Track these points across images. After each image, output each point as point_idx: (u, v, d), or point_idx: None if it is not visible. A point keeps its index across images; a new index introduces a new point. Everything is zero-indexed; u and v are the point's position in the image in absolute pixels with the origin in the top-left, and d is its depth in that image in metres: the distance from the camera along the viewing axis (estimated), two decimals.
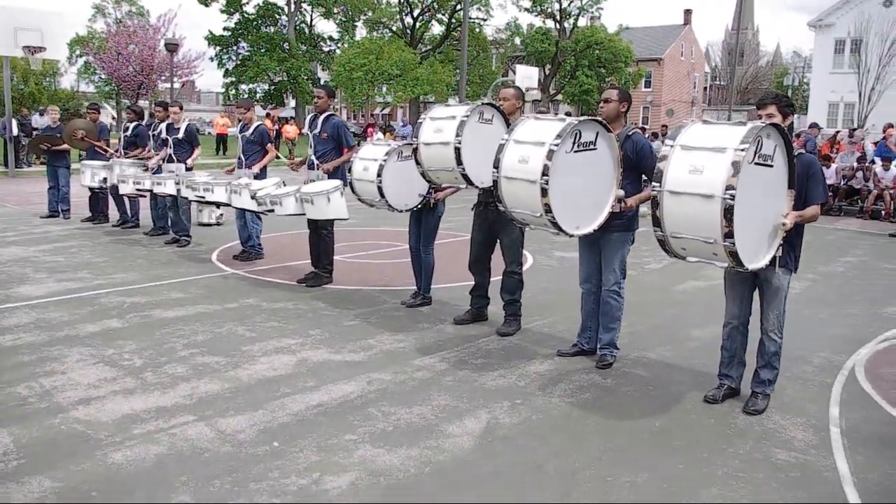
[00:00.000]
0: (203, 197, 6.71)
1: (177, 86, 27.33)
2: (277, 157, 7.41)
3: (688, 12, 45.86)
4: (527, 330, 4.97)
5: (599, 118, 3.92)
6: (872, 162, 13.17)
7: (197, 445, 3.12)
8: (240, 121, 7.16)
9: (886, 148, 13.00)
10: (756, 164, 3.17)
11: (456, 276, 6.28)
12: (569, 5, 34.87)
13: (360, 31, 40.10)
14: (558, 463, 3.08)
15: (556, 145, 3.60)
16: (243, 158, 6.94)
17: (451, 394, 3.80)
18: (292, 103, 39.61)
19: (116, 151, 9.00)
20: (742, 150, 3.07)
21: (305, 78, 36.77)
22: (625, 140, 4.05)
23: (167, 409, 3.50)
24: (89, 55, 35.21)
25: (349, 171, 5.39)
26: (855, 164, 13.23)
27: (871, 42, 26.47)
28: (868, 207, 12.47)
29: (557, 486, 2.89)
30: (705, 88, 49.92)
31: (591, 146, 3.83)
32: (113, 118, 41.43)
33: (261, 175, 6.86)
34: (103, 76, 34.63)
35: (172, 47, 23.36)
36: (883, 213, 12.28)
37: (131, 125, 8.99)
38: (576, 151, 3.74)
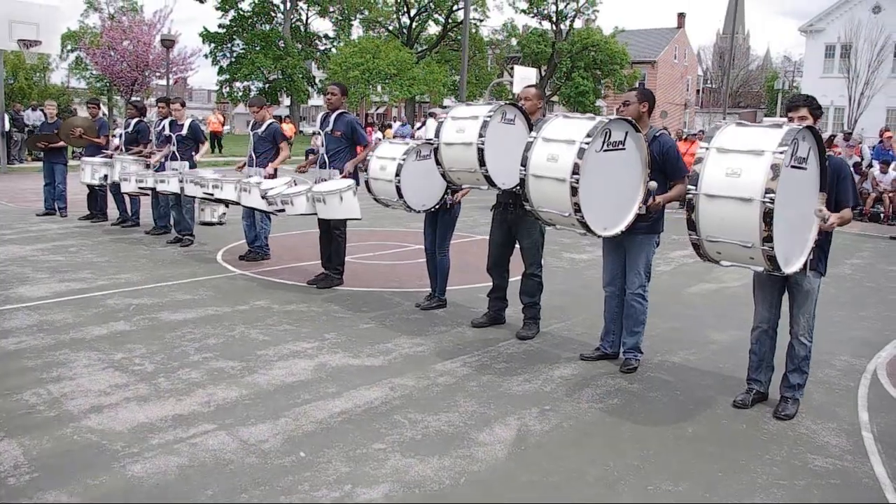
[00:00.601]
0: (212, 194, 6.51)
1: (170, 83, 26.93)
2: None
3: (681, 16, 45.76)
4: (546, 333, 4.87)
5: (629, 118, 3.81)
6: (870, 165, 13.24)
7: (220, 456, 2.97)
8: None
9: (884, 151, 13.05)
10: (792, 166, 3.10)
11: (469, 278, 6.16)
12: (565, 7, 34.73)
13: (357, 31, 39.72)
14: (597, 472, 2.98)
15: (587, 144, 3.51)
16: (254, 156, 6.76)
17: (477, 400, 3.68)
18: (287, 101, 39.23)
19: (117, 149, 8.77)
20: (781, 152, 3.01)
21: (301, 76, 36.36)
22: (652, 141, 3.96)
23: (185, 417, 3.35)
24: (81, 50, 34.54)
25: (365, 169, 5.22)
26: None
27: (860, 47, 26.66)
28: (867, 210, 12.50)
29: (599, 496, 2.79)
30: (698, 91, 49.89)
31: (621, 146, 3.75)
32: (104, 114, 40.81)
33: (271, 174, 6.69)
34: (95, 72, 34.00)
35: (169, 43, 23.02)
36: (882, 215, 12.31)
37: (132, 121, 8.74)
38: (605, 151, 3.65)
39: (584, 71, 33.68)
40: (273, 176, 6.63)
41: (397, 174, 4.86)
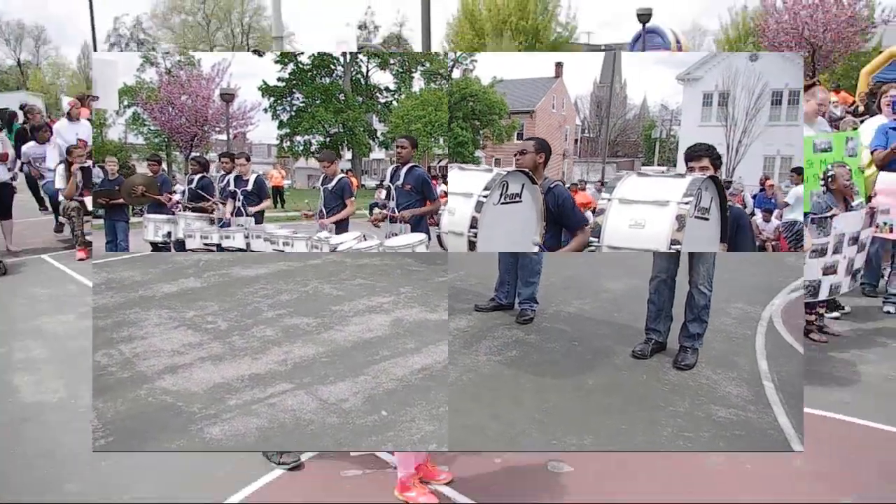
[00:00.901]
0: (282, 251, 6.00)
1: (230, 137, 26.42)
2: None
3: (559, 65, 40.76)
4: None
5: (525, 170, 3.48)
6: (752, 214, 12.47)
7: (300, 417, 2.77)
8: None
9: (766, 199, 12.54)
10: (696, 217, 2.93)
11: None
12: (443, 58, 32.33)
13: (418, 82, 35.90)
14: (499, 426, 2.78)
15: (485, 197, 3.12)
16: (325, 211, 6.03)
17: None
18: (348, 155, 35.49)
19: (178, 204, 8.04)
20: (686, 203, 2.81)
21: (362, 129, 33.54)
22: (547, 192, 3.60)
23: (261, 376, 3.14)
24: (138, 105, 33.73)
25: (437, 223, 4.85)
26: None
27: (738, 95, 24.40)
28: None
29: (503, 450, 2.72)
30: (576, 141, 45.38)
31: (517, 198, 3.38)
32: (164, 171, 39.15)
33: (340, 228, 5.94)
34: (153, 127, 33.20)
35: (228, 97, 22.72)
36: None
37: (196, 177, 7.50)
38: (503, 203, 3.30)
39: (462, 121, 31.03)
40: (343, 228, 5.94)
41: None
